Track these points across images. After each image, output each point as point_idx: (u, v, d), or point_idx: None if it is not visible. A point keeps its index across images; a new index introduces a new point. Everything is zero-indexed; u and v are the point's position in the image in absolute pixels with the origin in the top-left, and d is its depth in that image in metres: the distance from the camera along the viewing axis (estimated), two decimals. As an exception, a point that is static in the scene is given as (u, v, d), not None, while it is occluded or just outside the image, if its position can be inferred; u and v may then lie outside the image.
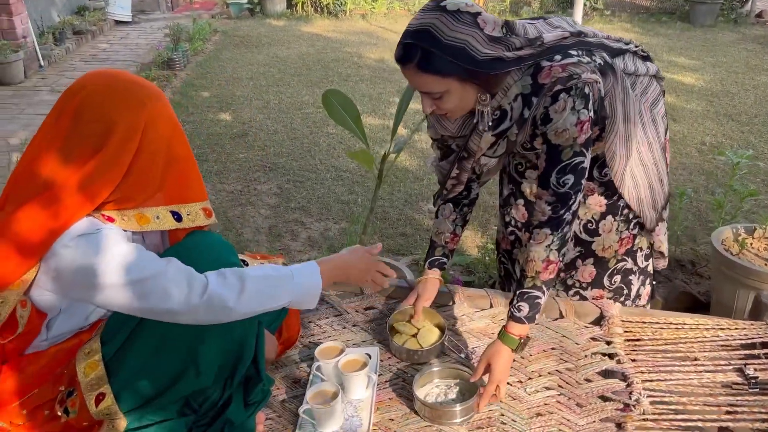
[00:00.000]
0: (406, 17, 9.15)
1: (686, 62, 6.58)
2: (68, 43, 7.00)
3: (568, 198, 1.53)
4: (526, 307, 1.55)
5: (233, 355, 1.46)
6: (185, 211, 1.42)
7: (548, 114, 1.51)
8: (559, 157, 1.52)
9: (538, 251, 1.53)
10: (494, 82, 1.54)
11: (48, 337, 1.37)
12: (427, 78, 1.49)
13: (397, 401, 1.64)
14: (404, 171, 3.90)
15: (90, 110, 1.26)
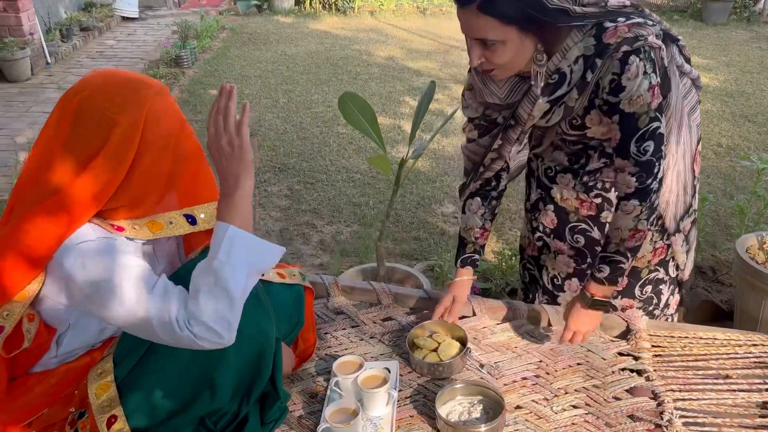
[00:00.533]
0: (415, 14, 9.07)
1: (699, 61, 6.48)
2: (75, 39, 6.95)
3: (651, 166, 1.50)
4: (606, 269, 1.57)
5: (251, 373, 1.41)
6: (199, 213, 1.37)
7: (620, 83, 1.44)
8: (636, 124, 1.47)
9: (626, 222, 1.53)
10: (555, 39, 1.46)
11: (58, 354, 1.33)
12: (487, 21, 1.39)
13: (419, 419, 1.59)
14: (416, 173, 3.85)
15: (89, 111, 1.22)
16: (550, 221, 1.86)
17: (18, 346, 1.24)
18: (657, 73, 1.47)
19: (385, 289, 2.00)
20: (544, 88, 1.52)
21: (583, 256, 1.83)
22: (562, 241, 1.86)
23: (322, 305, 1.99)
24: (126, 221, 1.28)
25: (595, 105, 1.54)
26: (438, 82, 5.70)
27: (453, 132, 4.54)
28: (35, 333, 1.26)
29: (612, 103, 1.48)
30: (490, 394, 1.61)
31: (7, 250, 1.21)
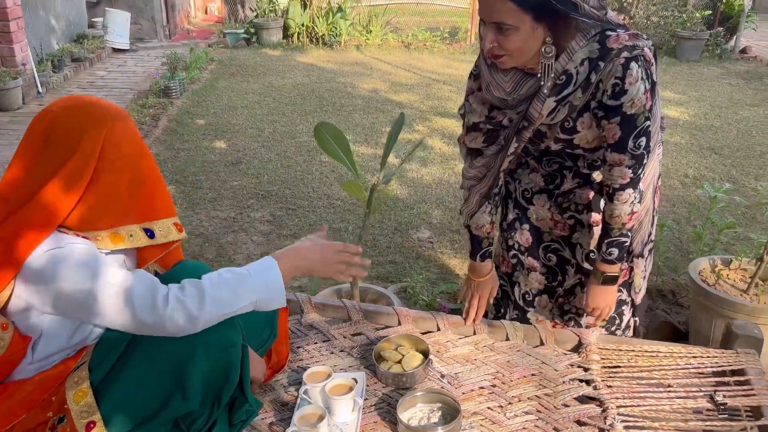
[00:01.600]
0: (399, 48, 9.34)
1: (672, 96, 6.74)
2: (66, 70, 7.11)
3: (643, 158, 1.68)
4: (616, 251, 1.78)
5: (220, 379, 1.50)
6: (157, 227, 1.48)
7: (623, 87, 1.58)
8: (635, 124, 1.63)
9: (623, 208, 1.72)
10: (564, 35, 1.58)
11: (33, 360, 1.42)
12: (506, 6, 1.50)
13: (382, 424, 1.70)
14: (395, 200, 3.99)
15: (54, 133, 1.35)
16: (525, 240, 2.01)
17: None
18: (649, 79, 1.62)
19: (355, 306, 2.12)
20: (552, 89, 1.64)
21: (554, 273, 1.98)
22: (535, 259, 2.00)
23: (295, 321, 2.10)
24: (90, 233, 1.40)
25: (589, 108, 1.67)
26: (419, 113, 5.93)
27: (431, 161, 4.70)
28: (9, 341, 1.36)
29: (612, 106, 1.61)
30: (449, 401, 1.73)
31: None
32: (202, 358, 1.43)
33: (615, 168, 1.69)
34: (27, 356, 1.41)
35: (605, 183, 1.75)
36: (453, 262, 3.22)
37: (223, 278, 1.43)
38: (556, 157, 1.88)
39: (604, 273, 1.82)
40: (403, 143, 4.93)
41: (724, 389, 1.71)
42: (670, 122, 5.77)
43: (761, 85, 7.29)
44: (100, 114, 1.39)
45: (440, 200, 4.01)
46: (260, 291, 1.45)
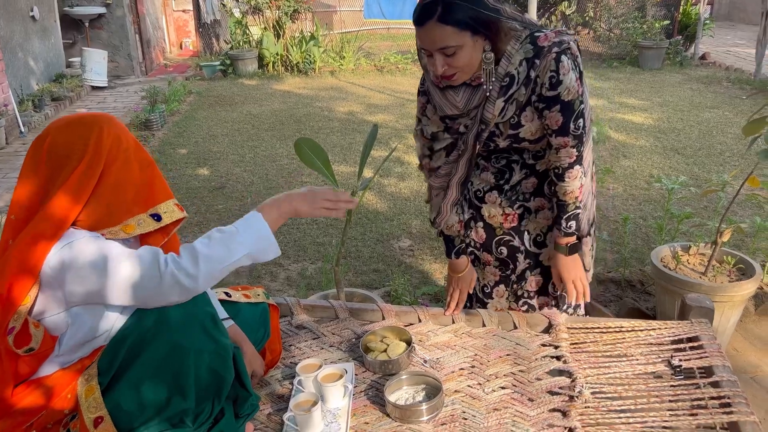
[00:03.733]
0: (373, 72, 9.59)
1: (636, 103, 7.02)
2: (47, 109, 7.23)
3: (583, 137, 1.86)
4: (574, 224, 1.95)
5: (214, 378, 1.62)
6: (162, 210, 1.63)
7: (558, 78, 1.77)
8: (573, 108, 1.81)
9: (574, 184, 1.89)
10: (499, 36, 1.78)
11: (60, 353, 1.56)
12: (446, 30, 1.71)
13: (372, 407, 1.84)
14: (375, 213, 4.15)
15: (57, 149, 1.50)
16: (480, 237, 2.17)
17: (26, 343, 1.48)
18: (577, 69, 1.81)
19: (342, 305, 2.27)
20: (499, 90, 1.83)
21: (506, 264, 2.14)
22: (489, 253, 2.16)
23: (286, 323, 2.25)
24: (104, 230, 1.55)
25: (531, 102, 1.85)
26: (395, 131, 6.13)
27: (409, 176, 4.89)
28: (42, 337, 1.51)
29: (551, 96, 1.80)
30: (432, 382, 1.87)
31: (7, 268, 1.47)
32: (193, 364, 1.56)
33: (562, 150, 1.87)
34: (54, 350, 1.55)
35: (553, 166, 1.91)
36: (433, 266, 3.38)
37: (213, 238, 1.54)
38: (504, 153, 2.05)
39: (568, 244, 1.99)
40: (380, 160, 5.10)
41: (680, 354, 1.88)
42: (635, 127, 6.03)
43: (720, 88, 7.61)
44: (95, 119, 1.56)
45: (419, 211, 4.18)
46: (250, 243, 1.55)
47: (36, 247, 1.46)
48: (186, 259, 1.49)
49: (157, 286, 1.48)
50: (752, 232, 3.18)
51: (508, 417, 1.74)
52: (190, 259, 1.49)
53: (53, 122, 1.58)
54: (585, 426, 1.66)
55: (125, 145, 1.58)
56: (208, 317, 1.61)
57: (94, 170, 1.51)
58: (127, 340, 1.53)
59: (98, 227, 1.54)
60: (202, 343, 1.58)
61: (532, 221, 2.08)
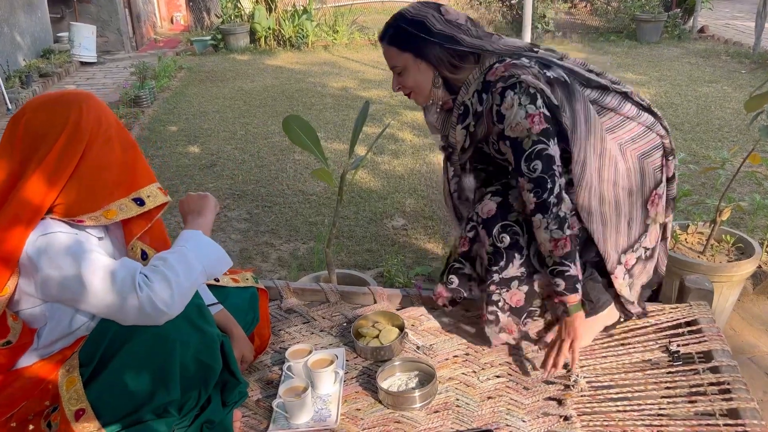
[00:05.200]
0: (367, 47, 9.44)
1: (633, 77, 6.93)
2: (35, 85, 7.10)
3: (544, 182, 1.68)
4: (561, 283, 1.71)
5: (201, 368, 1.57)
6: (145, 194, 1.56)
7: (500, 112, 1.71)
8: (521, 146, 1.70)
9: (541, 235, 1.72)
10: (443, 63, 1.78)
11: (39, 346, 1.50)
12: (391, 51, 1.82)
13: (364, 393, 1.80)
14: (369, 191, 4.09)
15: (34, 128, 1.43)
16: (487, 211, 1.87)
17: (4, 336, 1.42)
18: (538, 105, 1.67)
19: (333, 288, 2.22)
20: (457, 117, 1.86)
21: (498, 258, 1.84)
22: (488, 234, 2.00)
23: (275, 306, 2.20)
24: (84, 215, 1.48)
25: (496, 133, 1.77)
26: (389, 108, 6.03)
27: (403, 153, 4.81)
28: (20, 330, 1.45)
29: (499, 131, 1.74)
30: (425, 369, 1.83)
31: None
32: (179, 356, 1.50)
33: (523, 193, 1.73)
34: (33, 343, 1.49)
35: None
36: (427, 246, 3.33)
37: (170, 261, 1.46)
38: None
39: (566, 303, 1.72)
40: (374, 137, 5.02)
41: (679, 339, 1.84)
42: (632, 102, 5.93)
43: (719, 62, 7.51)
44: (74, 98, 1.49)
45: (413, 189, 4.12)
46: (203, 258, 1.50)
47: (12, 233, 1.39)
48: (160, 287, 1.41)
49: (132, 310, 1.40)
50: (751, 210, 3.13)
51: (502, 405, 1.70)
52: (165, 286, 1.41)
53: (31, 100, 1.51)
54: (581, 414, 1.63)
55: (106, 125, 1.50)
56: (193, 308, 1.55)
57: (73, 150, 1.44)
58: (110, 331, 1.48)
59: (78, 212, 1.47)
60: (187, 335, 1.52)
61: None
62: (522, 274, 1.82)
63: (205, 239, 1.56)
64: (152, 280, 1.40)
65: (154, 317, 1.41)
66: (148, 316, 1.40)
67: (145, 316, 1.40)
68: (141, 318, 1.41)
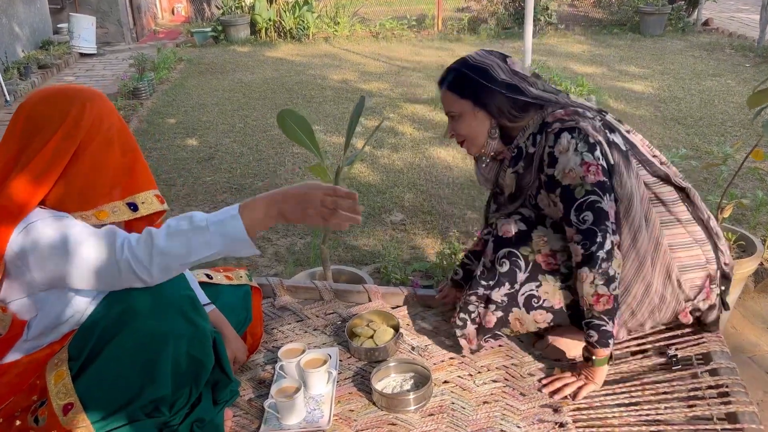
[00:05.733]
0: (368, 39, 9.38)
1: (636, 71, 6.87)
2: (34, 77, 7.06)
3: (593, 234, 1.59)
4: (595, 335, 1.63)
5: (192, 363, 1.54)
6: (140, 200, 1.52)
7: (553, 154, 1.63)
8: (573, 195, 1.61)
9: (585, 289, 1.62)
10: (503, 113, 1.71)
11: (29, 338, 1.48)
12: (450, 96, 1.77)
13: (357, 395, 1.77)
14: (367, 185, 4.05)
15: (33, 121, 1.40)
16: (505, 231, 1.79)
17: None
18: (597, 156, 1.59)
19: (327, 286, 2.19)
20: (510, 160, 1.77)
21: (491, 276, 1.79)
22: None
23: (269, 304, 2.17)
24: (75, 213, 1.45)
25: (541, 182, 1.70)
26: (389, 101, 5.99)
27: (403, 147, 4.77)
28: (10, 322, 1.42)
29: (550, 175, 1.65)
30: (420, 370, 1.80)
31: None
32: (171, 349, 1.47)
33: (570, 244, 1.65)
34: (23, 334, 1.47)
35: None
36: (425, 241, 3.30)
37: (179, 229, 1.35)
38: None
39: (596, 357, 1.65)
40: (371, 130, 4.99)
41: (678, 341, 1.80)
42: (635, 96, 5.89)
43: (723, 55, 7.44)
44: (78, 94, 1.45)
45: (412, 184, 4.08)
46: (218, 243, 1.34)
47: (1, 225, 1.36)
48: (141, 249, 1.36)
49: (116, 273, 1.38)
50: (753, 207, 3.09)
51: (498, 410, 1.67)
52: (145, 250, 1.36)
53: (38, 90, 1.47)
54: (576, 422, 1.60)
55: (107, 125, 1.46)
56: (186, 301, 1.52)
57: (67, 146, 1.41)
58: (99, 325, 1.45)
59: (68, 209, 1.44)
60: (180, 328, 1.49)
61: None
62: (502, 302, 1.75)
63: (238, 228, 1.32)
64: (138, 243, 1.36)
65: (136, 280, 1.38)
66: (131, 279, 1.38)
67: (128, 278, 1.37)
68: (127, 280, 1.39)
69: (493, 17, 9.61)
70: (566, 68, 6.99)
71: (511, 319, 1.77)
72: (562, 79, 5.92)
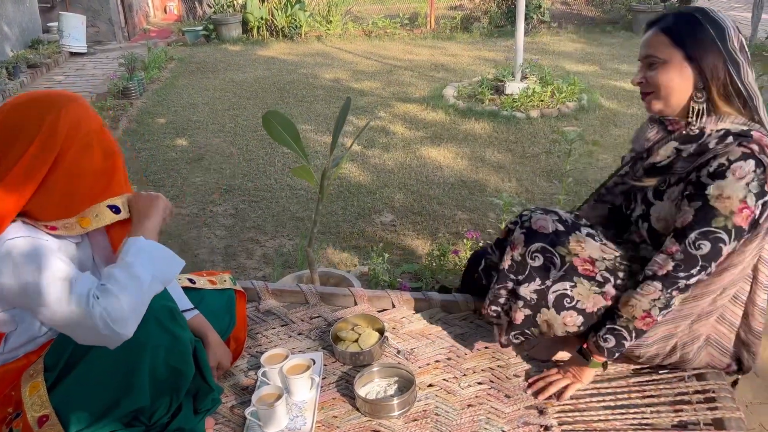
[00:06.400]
0: (361, 37, 9.35)
1: (628, 69, 6.86)
2: (23, 76, 7.01)
3: (694, 263, 1.50)
4: (612, 341, 1.59)
5: (172, 374, 1.52)
6: (120, 202, 1.50)
7: (725, 171, 1.46)
8: (710, 220, 1.48)
9: (641, 301, 1.55)
10: (713, 81, 1.51)
11: (4, 351, 1.45)
12: (660, 39, 1.53)
13: (341, 400, 1.75)
14: (357, 186, 4.03)
15: (7, 129, 1.36)
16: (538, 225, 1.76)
17: None
18: (758, 203, 1.46)
19: (312, 289, 2.16)
20: (681, 135, 1.57)
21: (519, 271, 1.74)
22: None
23: (253, 308, 2.14)
24: (58, 221, 1.42)
25: (686, 180, 1.55)
26: (381, 100, 5.96)
27: (394, 146, 4.75)
28: None
29: (702, 184, 1.49)
30: (405, 374, 1.78)
31: None
32: (149, 360, 1.45)
33: (661, 254, 1.55)
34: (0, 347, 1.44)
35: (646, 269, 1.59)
36: (415, 243, 3.27)
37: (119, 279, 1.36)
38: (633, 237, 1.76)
39: (594, 358, 1.66)
40: (365, 130, 4.96)
41: (665, 344, 1.79)
42: (626, 95, 5.88)
43: (715, 53, 7.44)
44: (54, 100, 1.41)
45: (403, 184, 4.06)
46: (149, 266, 1.40)
47: None
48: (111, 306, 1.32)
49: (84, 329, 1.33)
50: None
51: (482, 413, 1.65)
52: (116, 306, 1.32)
53: (14, 97, 1.44)
54: (561, 424, 1.58)
55: (86, 130, 1.43)
56: (164, 311, 1.50)
57: (46, 155, 1.37)
58: None
59: (50, 218, 1.41)
60: (157, 338, 1.47)
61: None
62: (531, 299, 1.69)
63: (148, 243, 1.44)
64: (102, 299, 1.32)
65: (108, 338, 1.33)
66: (103, 337, 1.32)
67: (99, 336, 1.32)
68: (95, 337, 1.33)
69: (485, 15, 9.59)
70: (558, 66, 6.98)
71: (540, 320, 1.70)
72: (554, 78, 5.90)
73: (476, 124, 5.21)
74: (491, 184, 4.01)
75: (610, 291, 1.64)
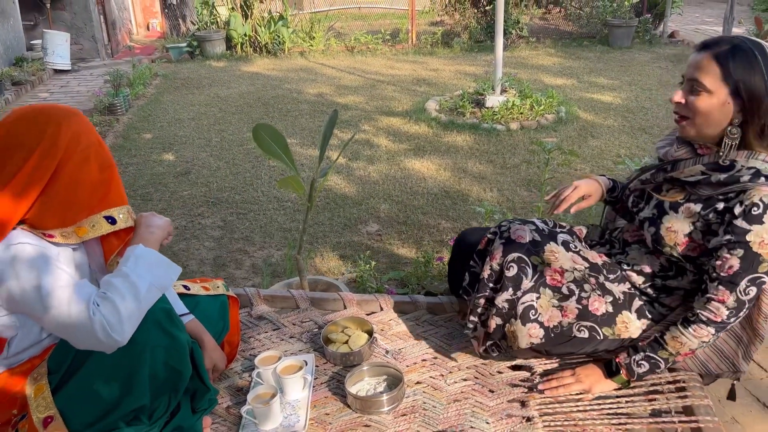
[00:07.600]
0: (344, 53, 9.48)
1: (605, 82, 7.05)
2: (7, 93, 7.03)
3: (743, 307, 1.55)
4: (646, 366, 1.66)
5: (170, 374, 1.59)
6: (118, 213, 1.57)
7: (760, 214, 1.48)
8: (756, 266, 1.51)
9: (692, 342, 1.59)
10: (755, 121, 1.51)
11: (8, 355, 1.51)
12: (712, 68, 1.52)
13: (333, 398, 1.82)
14: (343, 197, 4.12)
15: (10, 141, 1.43)
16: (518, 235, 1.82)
17: None
18: None
19: (303, 294, 2.24)
20: (711, 162, 1.57)
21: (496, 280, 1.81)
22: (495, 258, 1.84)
23: (246, 313, 2.21)
24: (56, 230, 1.49)
25: (711, 206, 1.57)
26: (364, 114, 6.08)
27: (378, 159, 4.85)
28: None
29: (738, 229, 1.50)
30: (393, 373, 1.86)
31: None
32: (148, 360, 1.52)
33: (713, 303, 1.56)
34: (2, 353, 1.50)
35: (693, 310, 1.61)
36: (401, 251, 3.37)
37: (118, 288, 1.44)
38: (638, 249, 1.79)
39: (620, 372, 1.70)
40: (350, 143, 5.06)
41: (639, 339, 1.89)
42: (603, 107, 6.05)
43: (688, 66, 7.66)
44: (55, 113, 1.49)
45: (388, 195, 4.16)
46: (147, 274, 1.48)
47: None
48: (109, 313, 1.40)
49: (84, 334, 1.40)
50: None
51: (467, 407, 1.74)
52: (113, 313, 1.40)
53: (10, 113, 1.51)
54: (543, 415, 1.67)
55: (86, 143, 1.51)
56: (162, 313, 1.58)
57: (47, 166, 1.44)
58: None
59: (48, 226, 1.48)
60: (156, 339, 1.55)
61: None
62: (503, 308, 1.73)
63: (146, 251, 1.53)
64: (102, 307, 1.39)
65: (105, 344, 1.40)
66: (100, 343, 1.39)
67: (96, 341, 1.39)
68: (92, 343, 1.40)
69: (465, 31, 9.78)
70: (537, 80, 7.14)
71: (508, 331, 1.74)
72: (533, 91, 6.05)
73: (458, 136, 5.34)
74: (473, 193, 4.12)
75: (569, 306, 1.70)
